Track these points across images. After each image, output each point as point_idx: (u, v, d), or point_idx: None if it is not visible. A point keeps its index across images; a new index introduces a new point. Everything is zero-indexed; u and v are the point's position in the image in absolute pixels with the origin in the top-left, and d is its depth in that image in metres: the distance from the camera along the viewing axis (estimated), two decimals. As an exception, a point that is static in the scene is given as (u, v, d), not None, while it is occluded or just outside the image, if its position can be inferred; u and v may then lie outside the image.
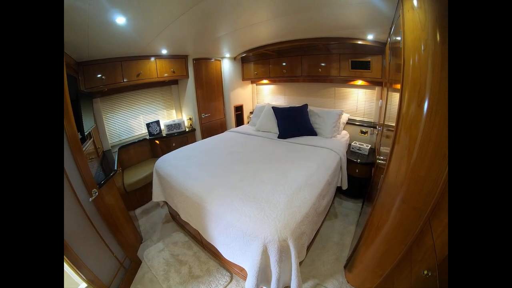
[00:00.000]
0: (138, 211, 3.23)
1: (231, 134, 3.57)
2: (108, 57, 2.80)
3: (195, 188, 2.02)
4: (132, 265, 2.23)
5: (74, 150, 1.65)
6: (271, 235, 1.40)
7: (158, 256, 2.39)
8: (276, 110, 3.44)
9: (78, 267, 1.58)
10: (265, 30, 2.70)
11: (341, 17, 2.08)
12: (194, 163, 2.52)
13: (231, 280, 2.07)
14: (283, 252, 1.42)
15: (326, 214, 2.36)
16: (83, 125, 2.04)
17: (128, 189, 3.05)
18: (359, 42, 2.68)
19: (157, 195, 2.65)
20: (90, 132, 2.57)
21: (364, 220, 1.83)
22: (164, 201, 2.70)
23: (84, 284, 1.66)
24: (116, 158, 2.87)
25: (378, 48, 2.71)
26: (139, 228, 2.82)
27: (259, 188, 1.87)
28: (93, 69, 2.73)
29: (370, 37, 2.56)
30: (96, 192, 1.82)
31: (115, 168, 2.42)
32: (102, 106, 3.28)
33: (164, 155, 2.85)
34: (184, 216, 2.21)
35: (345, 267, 2.06)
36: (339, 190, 2.83)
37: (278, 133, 3.27)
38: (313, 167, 2.21)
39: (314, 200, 1.79)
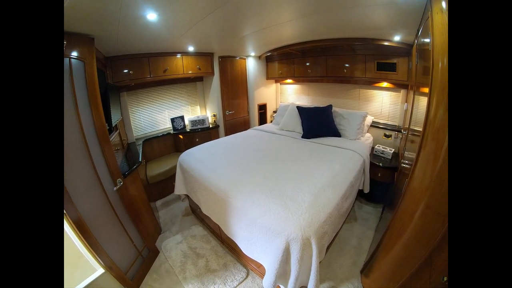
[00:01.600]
0: (158, 202, 3.33)
1: (255, 132, 3.59)
2: (136, 53, 2.90)
3: (219, 182, 2.05)
4: (150, 254, 2.29)
5: (102, 140, 1.73)
6: (295, 233, 1.39)
7: (176, 248, 2.44)
8: (301, 109, 3.40)
9: (98, 253, 1.65)
10: (290, 30, 2.68)
11: (367, 17, 2.03)
12: (218, 158, 2.56)
13: (247, 276, 2.07)
14: (305, 250, 1.41)
15: (346, 217, 2.31)
16: (111, 117, 2.12)
17: (151, 181, 3.14)
18: (385, 43, 2.60)
19: (179, 188, 2.71)
20: (116, 124, 2.67)
21: (384, 226, 1.79)
22: (185, 195, 2.76)
23: (101, 270, 1.72)
24: (141, 150, 2.96)
25: (404, 50, 2.61)
26: (158, 219, 2.89)
27: (283, 185, 1.88)
28: (120, 63, 2.84)
29: (396, 38, 2.48)
30: (120, 182, 1.89)
31: (140, 160, 2.50)
32: (128, 100, 3.41)
33: (188, 149, 2.91)
34: (205, 210, 2.25)
35: (361, 271, 2.02)
36: (360, 193, 2.76)
37: (302, 132, 3.24)
38: (337, 168, 2.19)
39: (337, 201, 1.77)
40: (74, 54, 1.48)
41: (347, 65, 3.32)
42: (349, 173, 2.20)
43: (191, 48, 3.22)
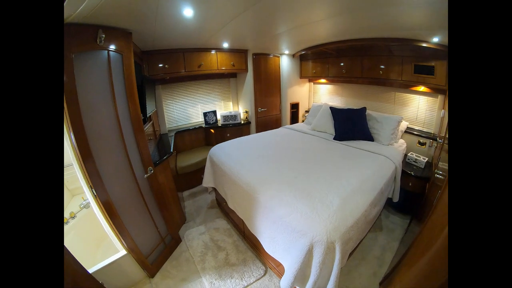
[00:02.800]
0: (185, 193, 3.45)
1: (286, 131, 3.56)
2: (171, 48, 3.01)
3: (249, 178, 2.07)
4: (172, 242, 2.38)
5: (136, 129, 1.82)
6: (320, 235, 1.37)
7: (198, 238, 2.51)
8: (334, 110, 3.30)
9: (122, 235, 1.74)
10: (324, 28, 2.61)
11: (404, 16, 1.92)
12: (249, 154, 2.58)
13: (264, 274, 2.07)
14: (328, 254, 1.38)
15: (372, 225, 2.22)
16: (146, 108, 2.24)
17: (180, 171, 3.27)
18: (423, 45, 2.42)
19: (207, 181, 2.78)
20: (150, 115, 2.81)
21: (410, 239, 1.71)
22: (212, 188, 2.83)
23: (123, 252, 1.83)
24: (172, 142, 3.08)
25: (444, 53, 2.41)
26: (184, 209, 2.99)
27: (313, 186, 1.85)
28: (156, 58, 2.98)
29: (435, 39, 2.30)
30: (151, 170, 1.98)
31: (171, 151, 2.61)
32: (163, 93, 3.57)
33: (219, 144, 2.97)
34: (231, 204, 2.29)
35: (380, 283, 1.92)
36: (388, 202, 2.62)
37: (334, 134, 3.15)
38: (368, 173, 2.11)
39: (366, 207, 1.71)
40: (112, 47, 1.57)
41: (383, 66, 3.16)
42: (380, 179, 2.11)
43: (225, 45, 3.27)
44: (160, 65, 3.01)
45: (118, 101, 1.65)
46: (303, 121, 4.61)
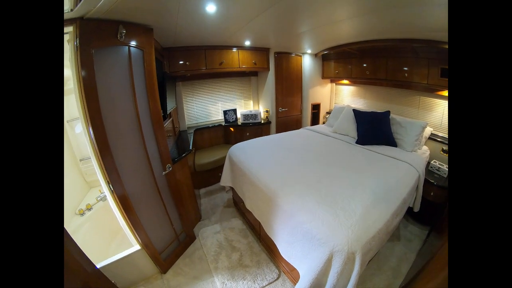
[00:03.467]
0: (202, 190, 3.46)
1: (307, 132, 3.47)
2: (192, 45, 3.01)
3: (269, 180, 2.02)
4: (186, 239, 2.38)
5: (156, 126, 1.82)
6: (341, 245, 1.32)
7: (213, 237, 2.49)
8: (357, 113, 3.16)
9: (137, 230, 1.75)
10: (348, 28, 2.51)
11: (432, 17, 1.80)
12: (269, 155, 2.53)
13: (277, 278, 2.02)
14: (347, 265, 1.32)
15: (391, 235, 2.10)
16: (166, 104, 2.25)
17: (198, 169, 3.27)
18: None
19: (225, 180, 2.77)
20: (170, 112, 2.83)
21: (428, 251, 1.64)
22: (230, 187, 2.80)
23: (137, 247, 1.83)
24: (192, 139, 3.10)
25: None
26: (200, 207, 3.00)
27: (335, 192, 1.78)
28: (177, 54, 2.98)
29: None
30: (170, 167, 1.98)
31: (190, 148, 2.61)
32: (183, 89, 3.59)
33: (239, 143, 2.94)
34: (249, 205, 2.26)
35: None
36: (407, 211, 2.48)
37: (356, 138, 3.02)
38: (392, 181, 2.01)
39: (388, 217, 1.63)
40: (133, 43, 1.57)
41: (407, 68, 2.98)
42: (404, 188, 2.00)
43: (247, 42, 3.23)
44: (181, 62, 3.02)
45: (139, 97, 1.65)
46: (323, 122, 4.51)
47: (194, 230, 2.57)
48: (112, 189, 1.57)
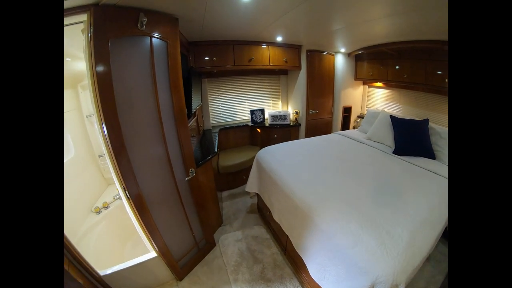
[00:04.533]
0: (225, 193, 3.31)
1: (339, 138, 3.20)
2: (220, 39, 2.84)
3: (304, 194, 1.80)
4: (206, 246, 2.25)
5: (179, 126, 1.68)
6: (385, 276, 1.18)
7: (234, 245, 2.35)
8: (394, 120, 2.84)
9: (154, 237, 1.64)
10: (385, 27, 2.31)
11: None
12: (302, 163, 2.32)
13: (302, 296, 1.83)
14: None
15: None
16: (191, 102, 2.10)
17: (222, 171, 3.13)
18: None
19: (251, 186, 2.60)
20: (195, 110, 2.71)
21: None
22: (255, 193, 2.64)
23: (153, 254, 1.73)
24: (217, 139, 2.96)
25: None
26: (221, 211, 2.85)
27: (377, 211, 1.55)
28: (204, 49, 2.83)
29: None
30: (193, 172, 1.85)
31: (216, 150, 2.46)
32: (209, 86, 3.46)
33: (268, 146, 2.75)
34: (277, 217, 2.08)
35: None
36: None
37: (393, 147, 2.71)
38: (435, 200, 1.74)
39: (433, 242, 1.45)
40: (156, 33, 1.43)
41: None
42: (446, 208, 1.73)
43: (279, 38, 3.00)
44: (208, 57, 2.87)
45: (160, 93, 1.51)
46: (354, 127, 4.23)
47: (214, 236, 2.44)
48: (128, 195, 1.45)
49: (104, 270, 1.60)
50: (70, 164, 2.06)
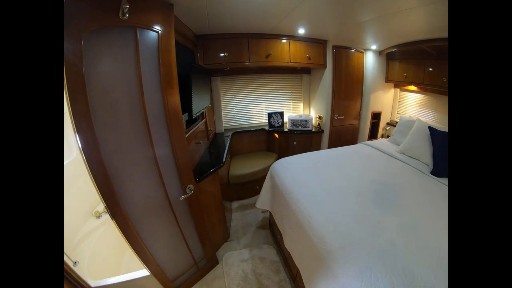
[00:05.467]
0: (235, 204, 3.03)
1: (368, 150, 2.76)
2: (232, 32, 2.51)
3: (325, 231, 1.39)
4: (207, 265, 2.04)
5: (174, 136, 1.43)
6: None
7: (239, 266, 2.11)
8: (434, 132, 2.33)
9: (143, 258, 1.48)
10: (425, 19, 1.97)
11: None
12: (324, 185, 1.91)
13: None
14: None
15: None
16: (192, 104, 1.81)
17: (232, 180, 2.85)
18: None
19: (263, 202, 2.32)
20: (204, 112, 2.44)
21: None
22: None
23: (145, 272, 1.59)
24: (228, 145, 2.69)
25: None
26: (229, 223, 2.60)
27: (417, 266, 1.13)
28: (214, 44, 2.52)
29: None
30: (191, 190, 1.59)
31: (223, 160, 2.17)
32: (221, 86, 3.16)
33: (284, 159, 2.41)
34: (288, 245, 1.76)
35: None
36: None
37: (432, 166, 2.19)
38: None
39: None
40: (143, 23, 1.15)
41: None
42: None
43: (301, 31, 2.61)
44: (218, 53, 2.55)
45: (149, 96, 1.25)
46: (382, 135, 3.74)
47: (218, 252, 2.24)
48: (111, 215, 1.26)
49: (97, 281, 1.50)
50: (71, 166, 1.96)
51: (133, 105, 1.22)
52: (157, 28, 1.21)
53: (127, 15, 1.06)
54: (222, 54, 2.54)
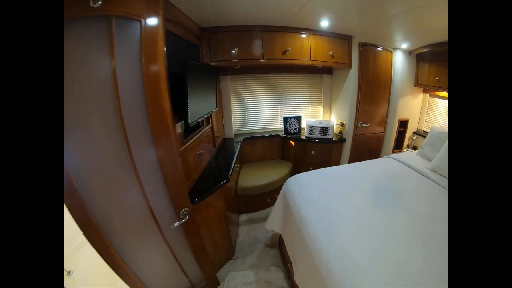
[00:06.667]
0: (243, 217, 2.76)
1: (395, 165, 2.38)
2: (243, 24, 2.19)
3: (343, 275, 1.10)
4: (206, 286, 1.84)
5: (162, 151, 1.18)
6: None
7: (241, 289, 1.92)
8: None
9: (129, 283, 1.32)
10: None
11: None
12: (349, 214, 1.58)
13: None
14: None
15: None
16: (187, 110, 1.43)
17: (240, 192, 2.59)
18: None
19: (273, 223, 2.07)
20: (209, 116, 2.18)
21: None
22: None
23: None
24: (237, 152, 2.43)
25: None
26: (235, 238, 2.36)
27: None
28: (221, 37, 2.20)
29: None
30: (186, 214, 1.34)
31: (229, 175, 1.88)
32: (232, 86, 2.88)
33: (300, 175, 2.12)
34: (299, 279, 1.48)
35: None
36: None
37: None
38: None
39: None
40: (121, 10, 0.91)
41: None
42: None
43: (324, 23, 2.26)
44: (228, 49, 2.25)
45: (127, 100, 1.01)
46: (408, 145, 3.36)
47: (219, 273, 2.01)
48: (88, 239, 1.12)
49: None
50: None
51: (106, 113, 0.98)
52: (138, 15, 0.95)
53: (99, 1, 0.84)
54: (230, 50, 2.23)
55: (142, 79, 1.02)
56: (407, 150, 3.30)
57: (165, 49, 1.08)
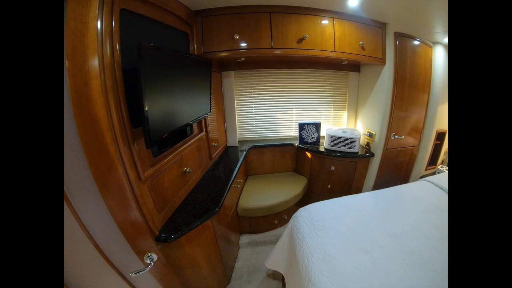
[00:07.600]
0: (244, 238, 2.37)
1: (433, 192, 1.90)
2: (244, 4, 1.72)
3: None
4: None
5: (100, 178, 0.84)
6: None
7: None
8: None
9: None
10: None
11: None
12: (373, 260, 1.23)
13: None
14: None
15: None
16: (144, 116, 0.92)
17: (241, 213, 2.20)
18: None
19: (274, 262, 1.75)
20: (202, 121, 1.79)
21: None
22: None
23: None
24: (239, 164, 2.04)
25: None
26: (234, 263, 2.05)
27: None
28: (217, 22, 1.74)
29: None
30: (153, 259, 1.06)
31: (220, 204, 1.45)
32: (236, 84, 2.47)
33: (313, 205, 1.77)
34: None
35: None
36: None
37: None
38: None
39: None
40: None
41: None
42: None
43: (352, 2, 1.74)
44: (226, 36, 1.78)
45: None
46: (442, 161, 2.87)
47: None
48: None
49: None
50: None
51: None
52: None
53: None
54: (229, 37, 1.77)
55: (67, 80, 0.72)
56: (441, 167, 2.85)
57: (113, 34, 0.80)
